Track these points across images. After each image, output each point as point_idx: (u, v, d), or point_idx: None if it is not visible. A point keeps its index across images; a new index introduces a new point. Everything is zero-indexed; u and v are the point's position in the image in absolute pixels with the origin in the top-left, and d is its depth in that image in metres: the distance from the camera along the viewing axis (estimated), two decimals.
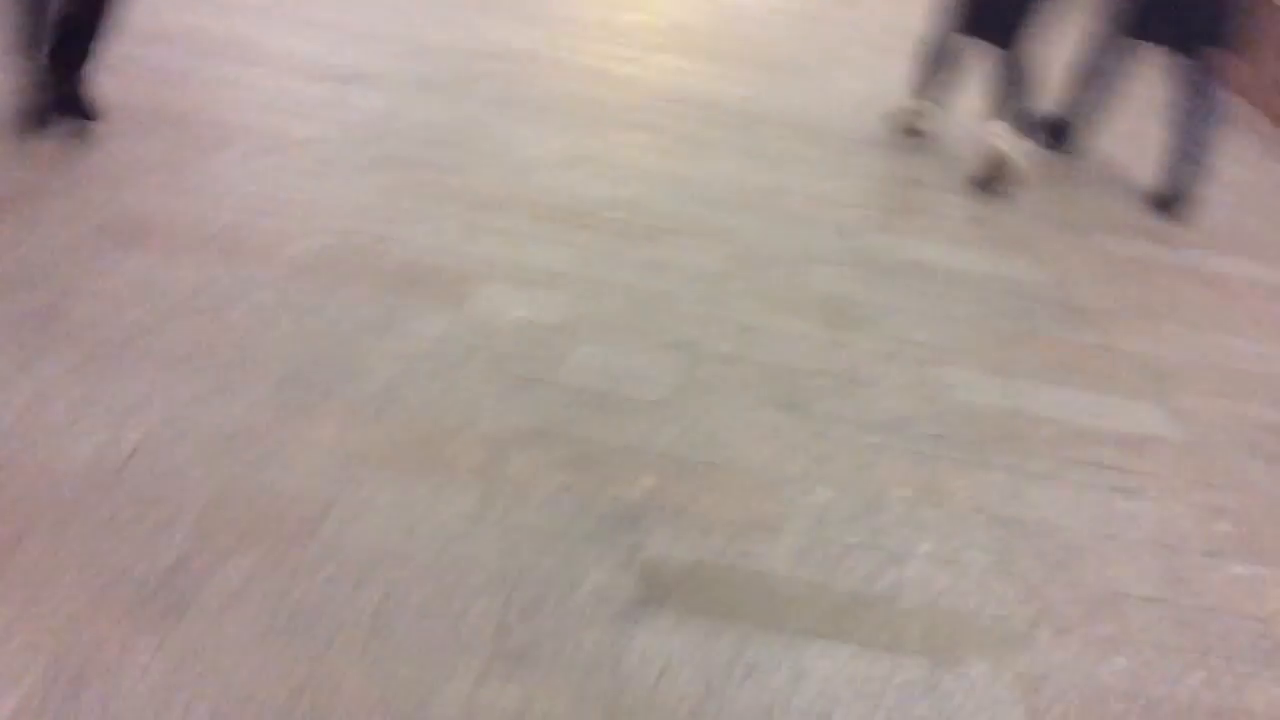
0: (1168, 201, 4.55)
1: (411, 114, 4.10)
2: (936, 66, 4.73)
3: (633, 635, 2.03)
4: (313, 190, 3.38)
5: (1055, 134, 5.02)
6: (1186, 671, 2.18)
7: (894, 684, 2.03)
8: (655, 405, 2.72)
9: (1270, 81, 6.34)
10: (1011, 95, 4.35)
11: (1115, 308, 3.70)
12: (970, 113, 5.32)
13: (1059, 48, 5.96)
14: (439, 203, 3.49)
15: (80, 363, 2.45)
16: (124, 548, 2.00)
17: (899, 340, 3.26)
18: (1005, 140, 4.32)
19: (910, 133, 4.97)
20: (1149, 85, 6.02)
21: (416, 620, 1.98)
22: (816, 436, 2.72)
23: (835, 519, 2.44)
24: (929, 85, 4.81)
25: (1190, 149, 4.45)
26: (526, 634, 1.99)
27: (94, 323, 2.59)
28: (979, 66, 4.74)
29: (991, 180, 4.45)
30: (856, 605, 2.20)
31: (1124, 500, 2.68)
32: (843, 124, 4.92)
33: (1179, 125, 4.49)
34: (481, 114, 4.24)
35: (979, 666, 2.11)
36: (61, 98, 3.31)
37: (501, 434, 2.51)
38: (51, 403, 2.32)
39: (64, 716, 1.69)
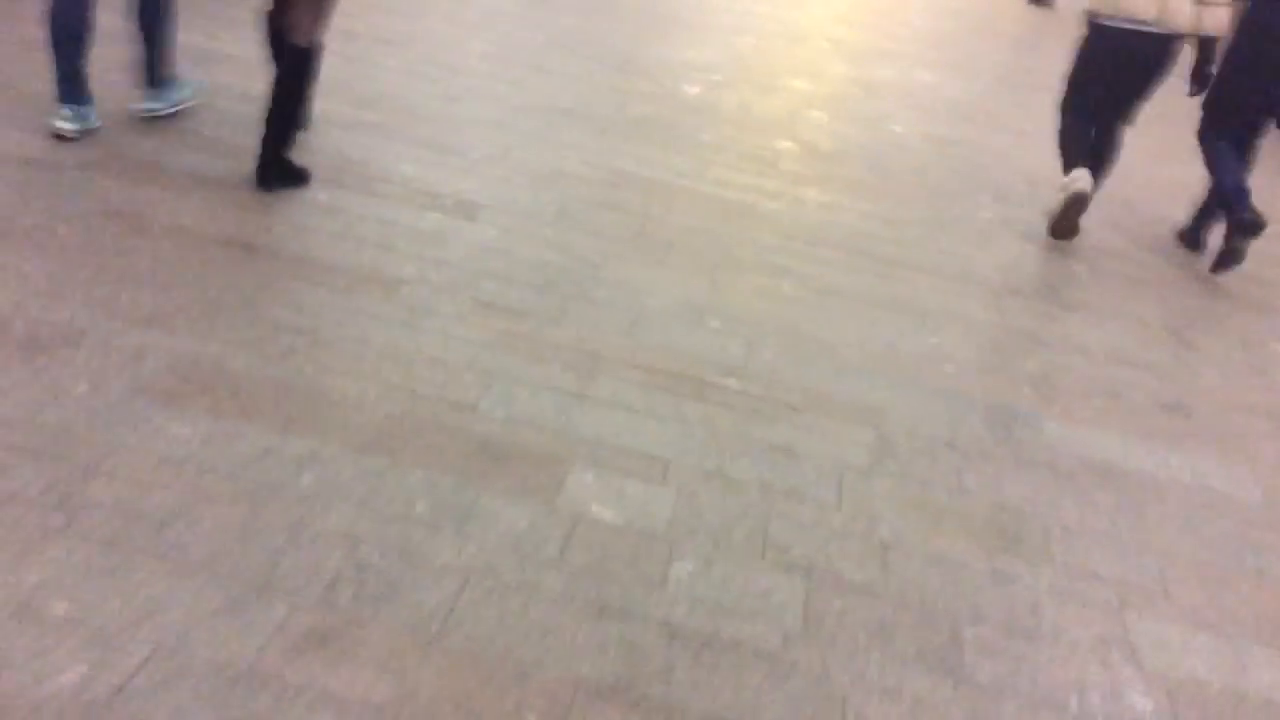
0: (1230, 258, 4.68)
1: (524, 251, 3.72)
2: (1076, 146, 4.87)
3: None
4: (399, 343, 3.00)
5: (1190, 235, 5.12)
6: None
7: None
8: (767, 656, 2.17)
9: None
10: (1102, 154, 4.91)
11: None
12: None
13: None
14: (540, 361, 3.07)
15: (94, 552, 2.07)
16: None
17: (1080, 574, 2.63)
18: (1082, 182, 4.65)
19: (1070, 220, 4.73)
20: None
21: None
22: None
23: None
24: (1075, 164, 4.81)
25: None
26: None
27: (119, 502, 2.22)
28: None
29: (1067, 225, 4.73)
30: None
31: None
32: (997, 268, 4.34)
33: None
34: (603, 252, 3.85)
35: None
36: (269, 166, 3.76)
37: (573, 684, 2.01)
38: (50, 599, 1.94)
39: None
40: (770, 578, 2.39)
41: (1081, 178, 4.64)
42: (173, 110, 4.19)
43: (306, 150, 4.14)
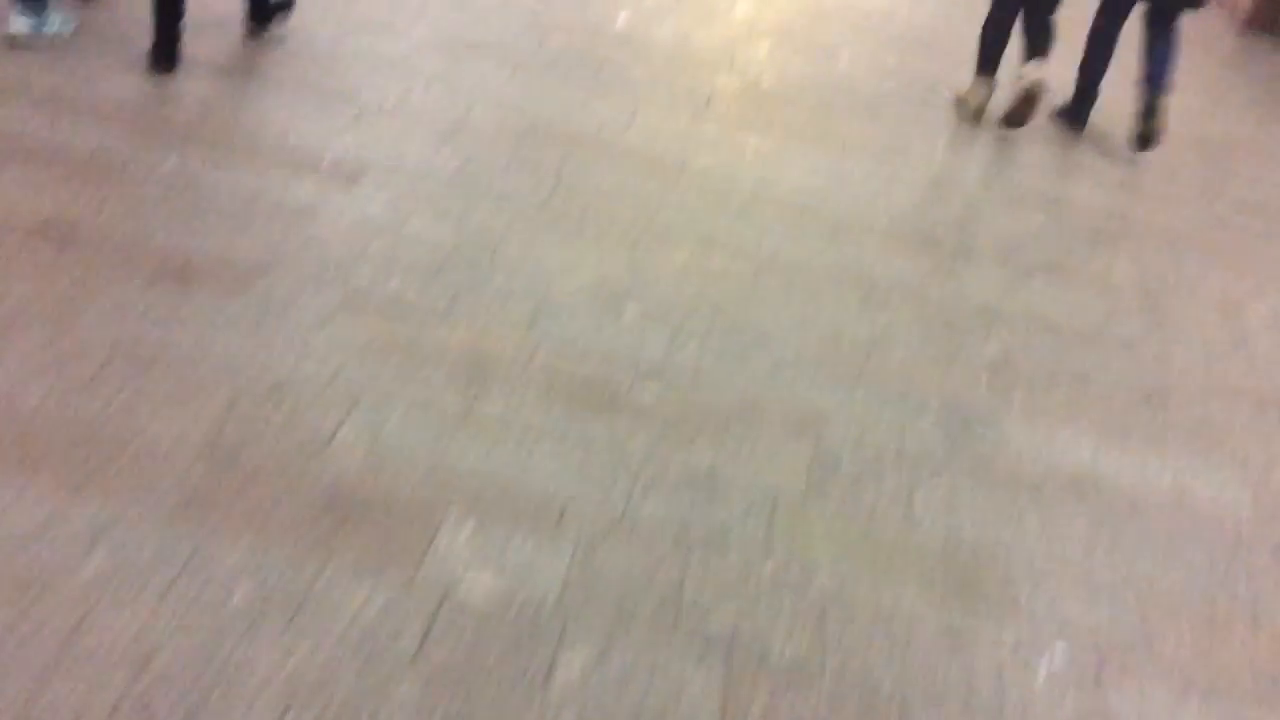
0: (1147, 136, 4.90)
1: (411, 227, 3.20)
2: (996, 46, 4.97)
3: None
4: (242, 356, 2.50)
5: (1072, 114, 5.23)
6: None
7: None
8: None
9: None
10: (1042, 41, 4.81)
11: None
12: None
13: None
14: (419, 372, 2.58)
15: None
16: None
17: (1049, 625, 2.23)
18: (1038, 72, 4.72)
19: (978, 115, 5.06)
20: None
21: None
22: None
23: None
24: (990, 65, 5.01)
25: (1160, 81, 4.86)
26: None
27: None
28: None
29: (1022, 114, 4.83)
30: None
31: None
32: (952, 225, 3.89)
33: (1152, 65, 4.87)
34: (507, 224, 3.33)
35: None
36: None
37: None
38: None
39: None
40: (683, 661, 1.96)
41: (1038, 68, 4.76)
42: (40, 35, 3.71)
43: (162, 97, 3.55)
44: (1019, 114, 4.84)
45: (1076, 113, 5.21)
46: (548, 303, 2.97)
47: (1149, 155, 5.11)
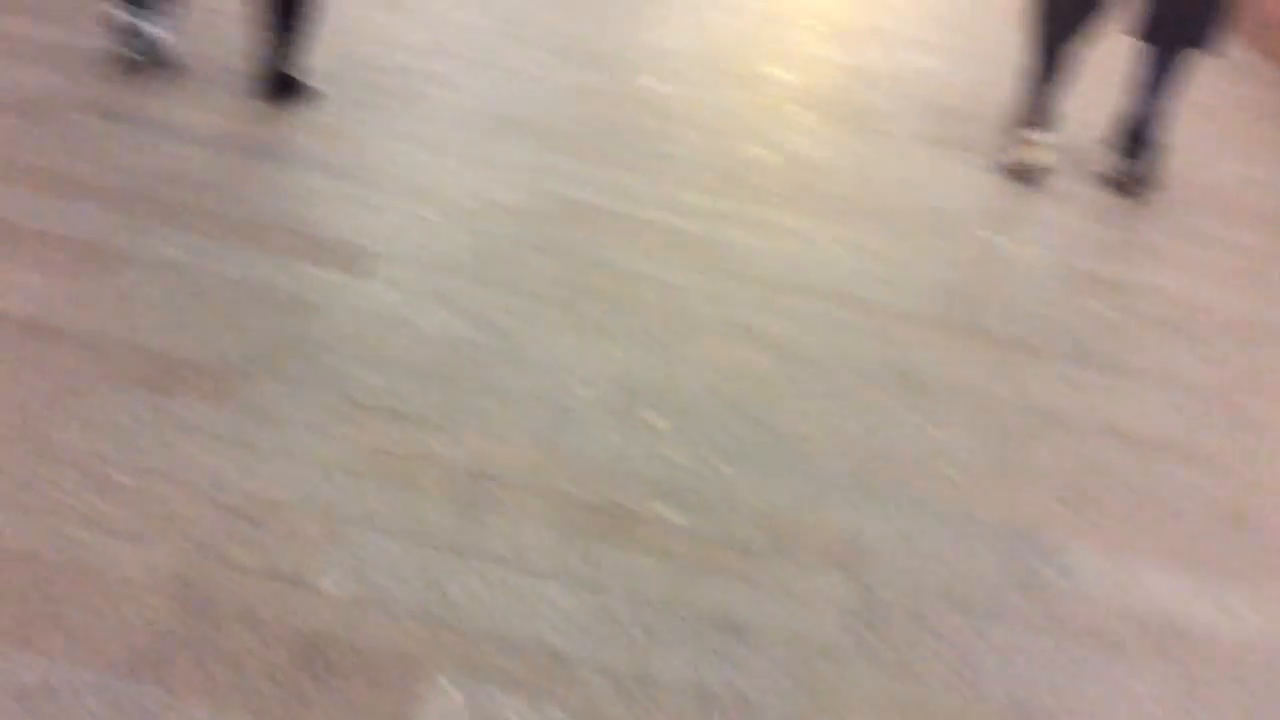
0: (1132, 183, 4.77)
1: (422, 321, 2.97)
2: (1042, 87, 4.72)
3: None
4: (221, 474, 2.25)
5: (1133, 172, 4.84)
6: None
7: None
8: None
9: None
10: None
11: None
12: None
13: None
14: (413, 496, 2.32)
15: None
16: None
17: None
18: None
19: (1025, 174, 4.82)
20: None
21: None
22: None
23: None
24: (1038, 111, 4.77)
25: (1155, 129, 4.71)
26: None
27: None
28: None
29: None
30: None
31: None
32: (1007, 314, 3.59)
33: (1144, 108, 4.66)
34: (524, 316, 3.09)
35: None
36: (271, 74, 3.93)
37: None
38: None
39: None
40: None
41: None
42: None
43: (161, 175, 3.36)
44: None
45: (1136, 173, 4.86)
46: (564, 409, 2.71)
47: (1220, 233, 4.79)
